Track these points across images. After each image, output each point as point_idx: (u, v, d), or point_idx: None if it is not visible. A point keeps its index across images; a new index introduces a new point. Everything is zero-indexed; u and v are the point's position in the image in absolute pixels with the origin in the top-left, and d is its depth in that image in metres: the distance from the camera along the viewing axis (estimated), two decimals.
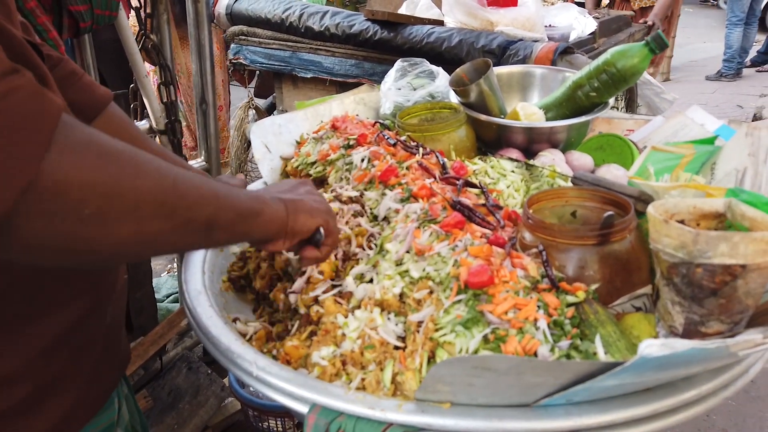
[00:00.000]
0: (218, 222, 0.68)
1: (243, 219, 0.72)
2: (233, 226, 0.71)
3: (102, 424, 0.85)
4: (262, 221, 0.76)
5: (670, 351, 0.59)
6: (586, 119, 1.40)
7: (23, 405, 0.73)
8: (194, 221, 0.65)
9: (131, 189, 0.57)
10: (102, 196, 0.55)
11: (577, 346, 0.76)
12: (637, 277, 0.90)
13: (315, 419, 0.78)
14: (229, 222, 0.70)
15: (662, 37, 1.31)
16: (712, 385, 0.77)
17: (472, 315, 0.79)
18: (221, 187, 0.70)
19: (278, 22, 2.43)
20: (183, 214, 0.63)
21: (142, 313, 2.11)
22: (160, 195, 0.60)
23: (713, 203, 0.80)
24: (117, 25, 1.73)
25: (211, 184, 0.68)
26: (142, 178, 0.59)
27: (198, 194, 0.65)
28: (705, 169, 1.09)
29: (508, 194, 1.19)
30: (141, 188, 0.58)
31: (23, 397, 0.72)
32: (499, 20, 2.19)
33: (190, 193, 0.64)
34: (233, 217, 0.70)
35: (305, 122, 1.55)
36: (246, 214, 0.73)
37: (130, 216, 0.58)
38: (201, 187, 0.66)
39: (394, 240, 0.99)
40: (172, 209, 0.62)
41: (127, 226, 0.58)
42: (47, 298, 0.74)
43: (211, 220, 0.66)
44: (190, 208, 0.64)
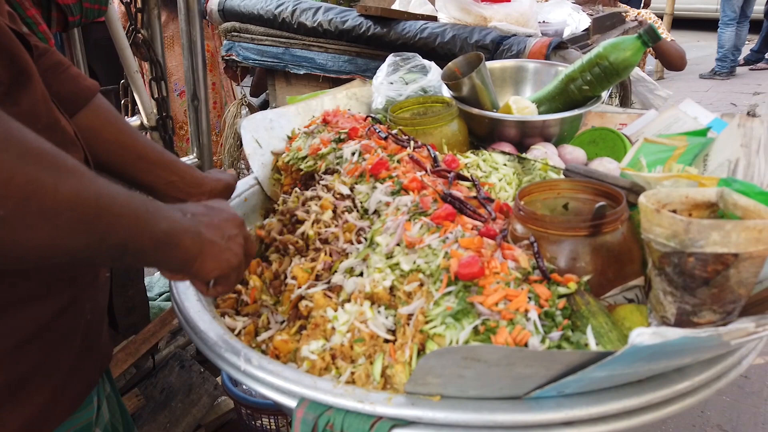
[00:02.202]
0: (132, 247, 0.65)
1: (156, 249, 0.69)
2: (145, 254, 0.68)
3: (79, 423, 0.83)
4: (173, 254, 0.72)
5: (662, 339, 0.58)
6: (578, 113, 1.39)
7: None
8: (109, 241, 0.61)
9: (51, 194, 0.54)
10: (18, 200, 0.51)
11: (568, 337, 0.75)
12: (630, 269, 0.89)
13: (303, 413, 0.77)
14: (142, 249, 0.67)
15: (654, 29, 1.31)
16: (704, 376, 0.76)
17: (462, 306, 0.78)
18: (146, 206, 0.67)
19: (271, 18, 2.42)
20: (99, 231, 0.60)
21: (133, 312, 2.09)
22: (80, 204, 0.57)
23: (705, 192, 0.79)
24: (107, 20, 1.71)
25: (135, 204, 0.65)
26: (64, 185, 0.55)
27: (119, 213, 0.62)
28: (698, 160, 1.08)
29: (500, 187, 1.18)
30: (61, 195, 0.55)
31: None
32: (493, 16, 2.18)
33: (111, 211, 0.61)
34: (148, 244, 0.67)
35: (297, 117, 1.54)
36: (161, 244, 0.69)
37: (45, 224, 0.54)
38: (123, 206, 0.62)
39: (385, 233, 0.98)
40: (90, 224, 0.58)
41: (40, 234, 0.54)
42: (21, 292, 0.73)
43: (125, 243, 0.63)
44: (108, 225, 0.60)
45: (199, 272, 0.77)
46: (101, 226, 0.60)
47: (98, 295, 0.88)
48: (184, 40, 2.02)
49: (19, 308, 0.73)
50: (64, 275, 0.79)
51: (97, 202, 0.59)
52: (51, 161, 0.55)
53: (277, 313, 1.03)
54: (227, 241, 0.80)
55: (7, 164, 0.51)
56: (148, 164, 1.07)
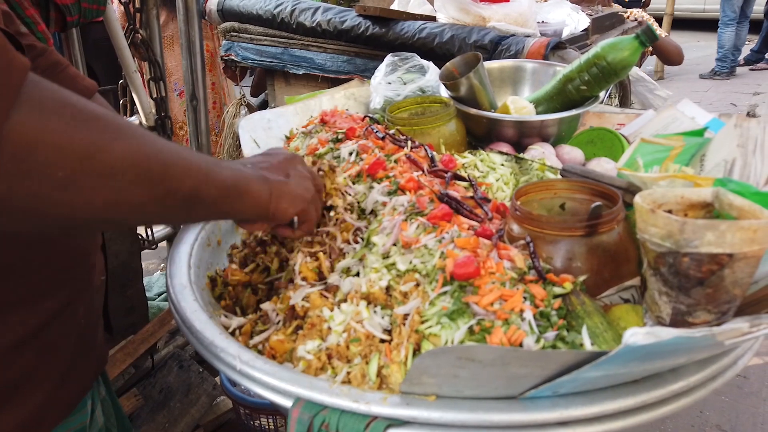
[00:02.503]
0: (200, 197, 0.64)
1: (225, 197, 0.69)
2: (215, 203, 0.68)
3: (72, 427, 0.83)
4: (245, 202, 0.73)
5: (655, 339, 0.58)
6: (576, 113, 1.39)
7: None
8: (175, 193, 0.61)
9: (108, 152, 0.54)
10: (76, 159, 0.51)
11: (563, 337, 0.75)
12: (626, 269, 0.89)
13: (299, 413, 0.77)
14: (212, 199, 0.66)
15: (652, 29, 1.31)
16: (700, 376, 0.76)
17: (457, 306, 0.78)
18: (207, 160, 0.67)
19: (270, 18, 2.42)
20: (164, 185, 0.59)
21: (132, 312, 2.09)
22: (140, 161, 0.56)
23: (701, 193, 0.79)
24: (105, 20, 1.71)
25: (197, 156, 0.65)
26: (122, 141, 0.55)
27: (182, 165, 0.61)
28: (694, 160, 1.08)
29: (497, 187, 1.18)
30: (119, 152, 0.55)
31: None
32: (492, 16, 2.18)
33: (174, 163, 0.60)
34: (216, 194, 0.67)
35: (295, 117, 1.54)
36: (229, 192, 0.70)
37: (107, 182, 0.54)
38: (186, 158, 0.62)
39: (381, 233, 0.98)
40: (153, 177, 0.58)
41: (103, 192, 0.54)
42: (15, 295, 0.73)
43: (193, 194, 0.63)
44: (172, 178, 0.60)
45: (277, 214, 0.77)
46: (165, 181, 0.59)
47: (93, 298, 0.88)
48: (182, 40, 2.02)
49: (12, 311, 0.72)
50: (58, 278, 0.79)
51: (158, 157, 0.58)
52: (105, 124, 0.55)
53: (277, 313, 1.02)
54: (295, 178, 0.81)
55: (63, 128, 0.51)
56: None
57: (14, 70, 0.49)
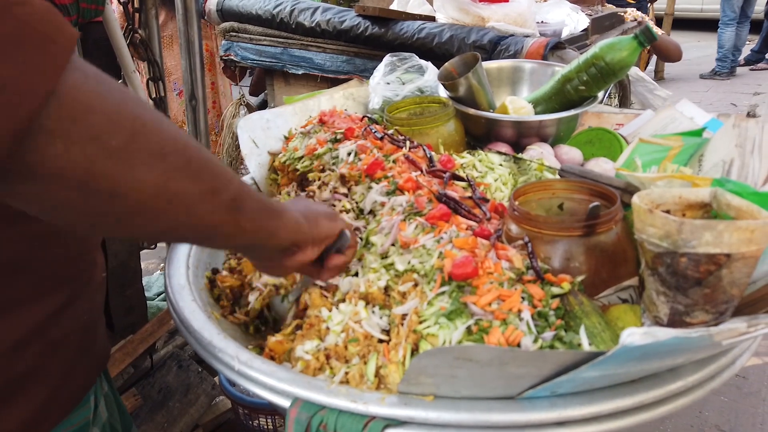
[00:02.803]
0: (245, 205, 0.62)
1: (268, 214, 0.68)
2: (260, 216, 0.66)
3: (76, 422, 0.83)
4: (287, 222, 0.71)
5: (652, 339, 0.58)
6: (575, 113, 1.39)
7: None
8: (221, 193, 0.59)
9: (157, 133, 0.53)
10: (129, 132, 0.50)
11: (561, 338, 0.75)
12: (624, 269, 0.89)
13: (297, 413, 0.77)
14: (256, 210, 0.65)
15: (650, 29, 1.31)
16: (698, 376, 0.76)
17: (455, 307, 0.78)
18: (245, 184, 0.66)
19: (269, 18, 2.42)
20: (210, 180, 0.58)
21: (131, 311, 2.09)
22: (186, 150, 0.55)
23: (699, 193, 0.79)
24: (104, 20, 1.71)
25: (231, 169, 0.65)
26: (168, 128, 0.54)
27: (223, 167, 0.60)
28: (693, 160, 1.08)
29: (496, 187, 1.18)
30: (168, 136, 0.54)
31: None
32: (491, 16, 2.18)
33: (216, 163, 0.59)
34: (256, 206, 0.65)
35: (294, 117, 1.54)
36: (269, 209, 0.68)
37: (157, 161, 0.52)
38: (224, 164, 0.62)
39: (380, 233, 0.98)
40: (199, 170, 0.57)
41: (153, 171, 0.52)
42: (18, 294, 0.73)
43: (238, 199, 0.61)
44: (216, 176, 0.59)
45: (321, 234, 0.77)
46: (210, 176, 0.58)
47: (95, 295, 0.88)
48: (181, 40, 2.02)
49: (15, 309, 0.72)
50: (60, 275, 0.79)
51: (200, 152, 0.58)
52: (149, 107, 0.55)
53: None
54: (314, 204, 0.83)
55: (114, 99, 0.50)
56: None
57: (67, 33, 0.48)
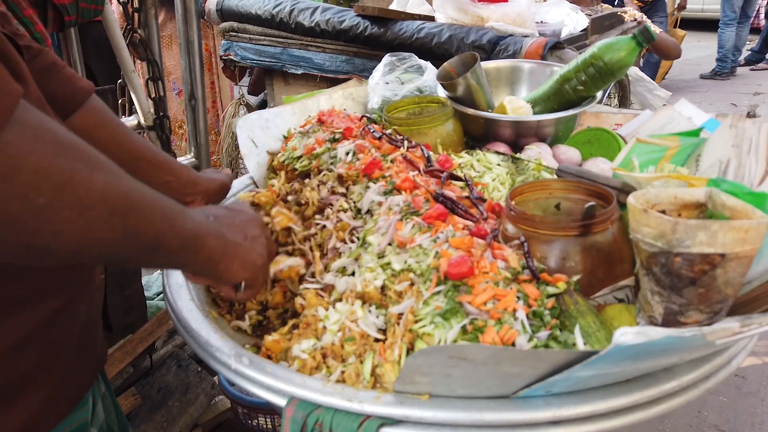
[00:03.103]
0: (163, 244, 0.65)
1: (184, 249, 0.70)
2: (175, 252, 0.69)
3: (74, 423, 0.83)
4: (199, 257, 0.73)
5: (645, 339, 0.58)
6: (573, 113, 1.39)
7: None
8: (142, 236, 0.62)
9: (86, 185, 0.55)
10: (56, 187, 0.53)
11: (556, 337, 0.75)
12: (620, 269, 0.89)
13: (293, 412, 0.77)
14: (173, 247, 0.67)
15: (649, 29, 1.31)
16: (693, 376, 0.76)
17: (451, 306, 0.78)
18: (174, 206, 0.68)
19: (268, 18, 2.42)
20: (132, 227, 0.60)
21: (131, 311, 2.10)
22: (113, 198, 0.58)
23: (694, 193, 0.79)
24: (103, 20, 1.71)
25: (165, 201, 0.66)
26: (98, 176, 0.57)
27: (149, 209, 0.63)
28: (690, 160, 1.08)
29: (493, 187, 1.18)
30: (95, 187, 0.56)
31: None
32: (490, 16, 2.18)
33: (144, 206, 0.62)
34: (177, 243, 0.68)
35: (293, 117, 1.54)
36: (188, 244, 0.70)
37: (81, 214, 0.55)
38: (153, 203, 0.64)
39: (377, 233, 0.98)
40: (123, 218, 0.59)
41: (76, 224, 0.55)
42: (17, 296, 0.73)
43: (157, 239, 0.64)
44: (140, 221, 0.61)
45: (225, 274, 0.77)
46: (133, 222, 0.60)
47: (93, 297, 0.88)
48: (181, 40, 2.02)
49: (14, 311, 0.73)
50: (59, 278, 0.79)
51: (128, 197, 0.60)
52: (84, 155, 0.57)
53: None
54: (250, 241, 0.81)
55: (45, 154, 0.52)
56: (144, 164, 1.07)
57: (8, 94, 0.51)
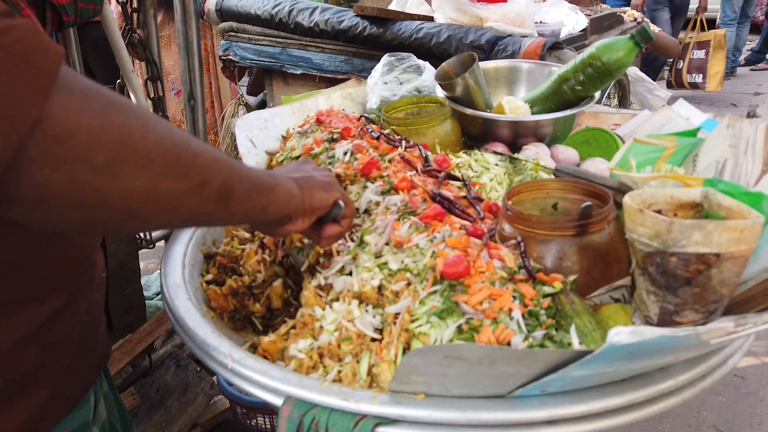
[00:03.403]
0: (234, 190, 0.65)
1: (259, 191, 0.70)
2: (250, 197, 0.68)
3: (76, 421, 0.83)
4: (279, 196, 0.73)
5: (639, 338, 0.58)
6: (571, 113, 1.40)
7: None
8: (210, 184, 0.61)
9: (142, 139, 0.55)
10: (114, 145, 0.52)
11: (551, 336, 0.75)
12: (616, 269, 0.89)
13: (289, 411, 0.77)
14: (245, 192, 0.67)
15: (647, 30, 1.31)
16: (688, 375, 0.76)
17: (447, 306, 0.78)
18: (231, 158, 0.68)
19: (268, 18, 2.42)
20: (198, 175, 0.60)
21: (130, 311, 2.10)
22: (173, 149, 0.57)
23: (690, 193, 0.79)
24: (102, 20, 1.71)
25: (222, 153, 0.65)
26: (154, 130, 0.56)
27: (212, 157, 0.62)
28: (687, 161, 1.08)
29: (491, 187, 1.18)
30: (154, 140, 0.56)
31: None
32: (489, 16, 2.18)
33: (205, 154, 0.61)
34: (249, 187, 0.68)
35: (292, 117, 1.54)
36: (261, 186, 0.70)
37: (143, 169, 0.54)
38: (214, 152, 0.63)
39: (374, 232, 0.98)
40: (187, 167, 0.58)
41: (140, 179, 0.54)
42: (19, 294, 0.73)
43: (227, 185, 0.64)
44: (204, 168, 0.61)
45: (314, 203, 0.78)
46: (198, 170, 0.60)
47: (95, 295, 0.88)
48: (180, 40, 2.03)
49: (15, 310, 0.73)
50: (60, 276, 0.79)
51: (188, 147, 0.59)
52: (136, 111, 0.56)
53: None
54: (313, 170, 0.83)
55: (97, 113, 0.52)
56: None
57: (52, 54, 0.49)
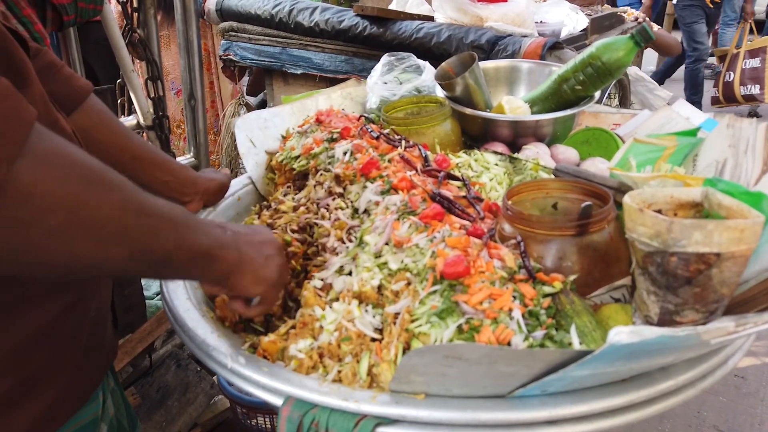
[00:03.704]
0: (173, 260, 0.68)
1: (196, 263, 0.72)
2: (184, 267, 0.71)
3: (85, 418, 0.84)
4: (213, 268, 0.75)
5: (639, 338, 0.58)
6: (571, 113, 1.39)
7: (5, 399, 0.72)
8: (151, 254, 0.65)
9: (96, 209, 0.58)
10: (68, 211, 0.55)
11: (552, 336, 0.75)
12: (616, 269, 0.89)
13: (289, 411, 0.77)
14: (183, 263, 0.70)
15: (647, 29, 1.31)
16: (689, 375, 0.76)
17: (447, 305, 0.78)
18: (188, 220, 0.70)
19: (268, 17, 2.42)
20: (142, 244, 0.63)
21: (130, 311, 2.10)
22: (123, 220, 0.60)
23: (690, 192, 0.79)
24: (102, 19, 1.71)
25: (176, 218, 0.68)
26: (108, 199, 0.59)
27: (161, 227, 0.65)
28: (687, 160, 1.08)
29: (491, 187, 1.18)
30: (106, 210, 0.59)
31: (5, 391, 0.72)
32: (489, 16, 2.18)
33: (153, 225, 0.64)
34: (188, 258, 0.70)
35: (292, 117, 1.54)
36: (201, 257, 0.72)
37: (91, 235, 0.58)
38: (165, 220, 0.66)
39: (374, 232, 0.98)
40: (133, 237, 0.61)
41: (86, 244, 0.58)
42: (27, 293, 0.74)
43: (167, 256, 0.66)
44: (150, 239, 0.64)
45: (236, 287, 0.80)
46: (143, 239, 0.63)
47: (102, 292, 0.89)
48: (180, 39, 2.03)
49: (25, 308, 0.74)
50: None
51: (138, 217, 0.62)
52: (97, 176, 0.59)
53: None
54: (265, 259, 0.83)
55: (57, 180, 0.55)
56: (143, 164, 1.08)
57: (21, 120, 0.52)
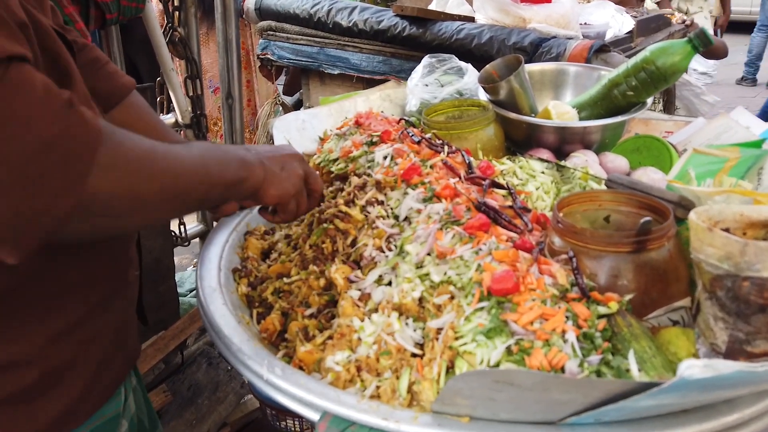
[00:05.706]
0: (208, 198, 0.82)
1: (228, 189, 0.82)
2: (220, 197, 0.84)
3: (107, 414, 0.86)
4: (244, 188, 0.84)
5: (714, 373, 0.53)
6: (622, 119, 1.33)
7: (30, 391, 0.74)
8: (188, 203, 0.79)
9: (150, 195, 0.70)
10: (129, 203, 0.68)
11: (608, 362, 0.70)
12: (675, 289, 0.84)
13: (326, 428, 0.74)
14: (218, 196, 0.82)
15: (706, 33, 1.24)
16: (756, 408, 0.70)
17: (494, 324, 0.74)
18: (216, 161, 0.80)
19: (306, 17, 2.41)
20: (181, 201, 0.76)
21: (164, 307, 2.11)
22: (168, 196, 0.73)
23: (762, 211, 0.73)
24: (144, 18, 1.72)
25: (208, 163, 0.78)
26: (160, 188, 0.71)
27: (195, 180, 0.76)
28: (751, 173, 1.01)
29: (537, 196, 1.13)
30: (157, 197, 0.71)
31: (30, 384, 0.74)
32: (532, 17, 2.12)
33: (190, 184, 0.75)
34: (221, 191, 0.81)
35: (329, 118, 1.52)
36: (232, 184, 0.82)
37: (142, 211, 0.71)
38: (197, 173, 0.76)
39: (415, 241, 0.95)
40: (174, 200, 0.75)
41: (138, 217, 0.73)
42: (58, 289, 0.76)
43: (202, 199, 0.80)
44: (187, 194, 0.76)
45: (262, 198, 0.88)
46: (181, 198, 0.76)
47: (128, 292, 0.91)
48: (219, 38, 2.03)
49: (54, 305, 0.76)
50: (95, 274, 0.82)
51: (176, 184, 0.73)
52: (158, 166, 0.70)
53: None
54: (287, 172, 0.91)
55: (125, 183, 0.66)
56: None
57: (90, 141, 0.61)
